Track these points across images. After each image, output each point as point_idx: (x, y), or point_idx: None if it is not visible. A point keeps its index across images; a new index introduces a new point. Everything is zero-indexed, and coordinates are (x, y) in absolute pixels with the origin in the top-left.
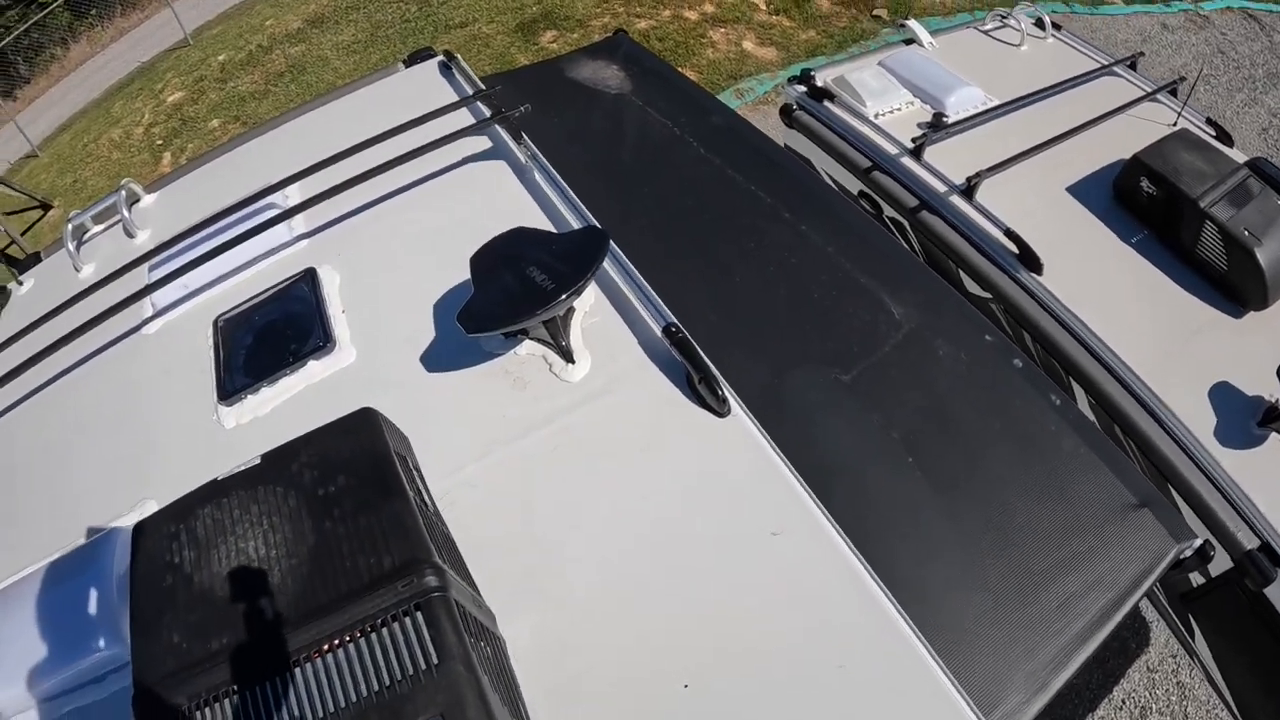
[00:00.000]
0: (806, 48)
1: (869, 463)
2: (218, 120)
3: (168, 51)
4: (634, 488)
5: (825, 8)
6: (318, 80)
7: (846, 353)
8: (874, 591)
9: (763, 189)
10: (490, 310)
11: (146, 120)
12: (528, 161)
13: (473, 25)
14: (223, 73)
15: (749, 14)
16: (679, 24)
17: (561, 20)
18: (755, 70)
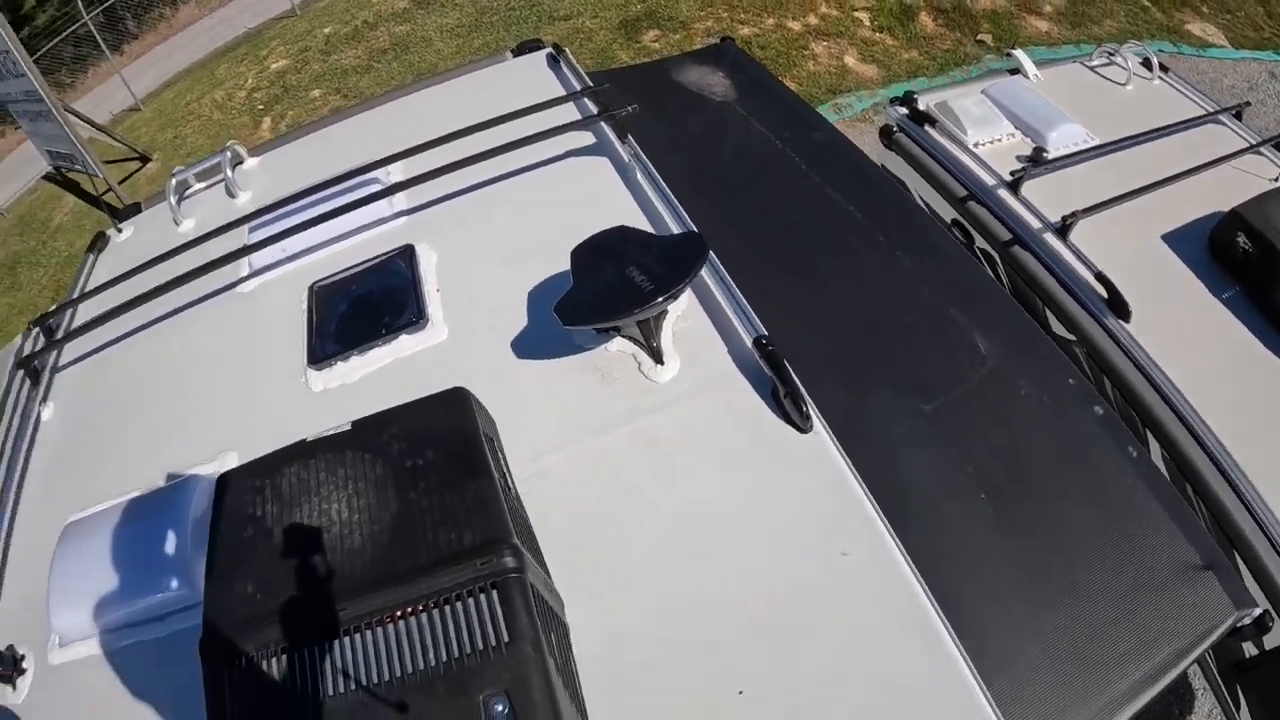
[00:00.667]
0: (908, 68)
1: (941, 494)
2: (319, 90)
3: (275, 20)
4: (709, 493)
5: (929, 29)
6: (420, 60)
7: (930, 382)
8: (934, 622)
9: (860, 210)
10: (589, 305)
11: (249, 85)
12: (630, 161)
13: (576, 19)
14: (327, 45)
15: (852, 29)
16: (782, 33)
17: (664, 20)
18: (855, 86)
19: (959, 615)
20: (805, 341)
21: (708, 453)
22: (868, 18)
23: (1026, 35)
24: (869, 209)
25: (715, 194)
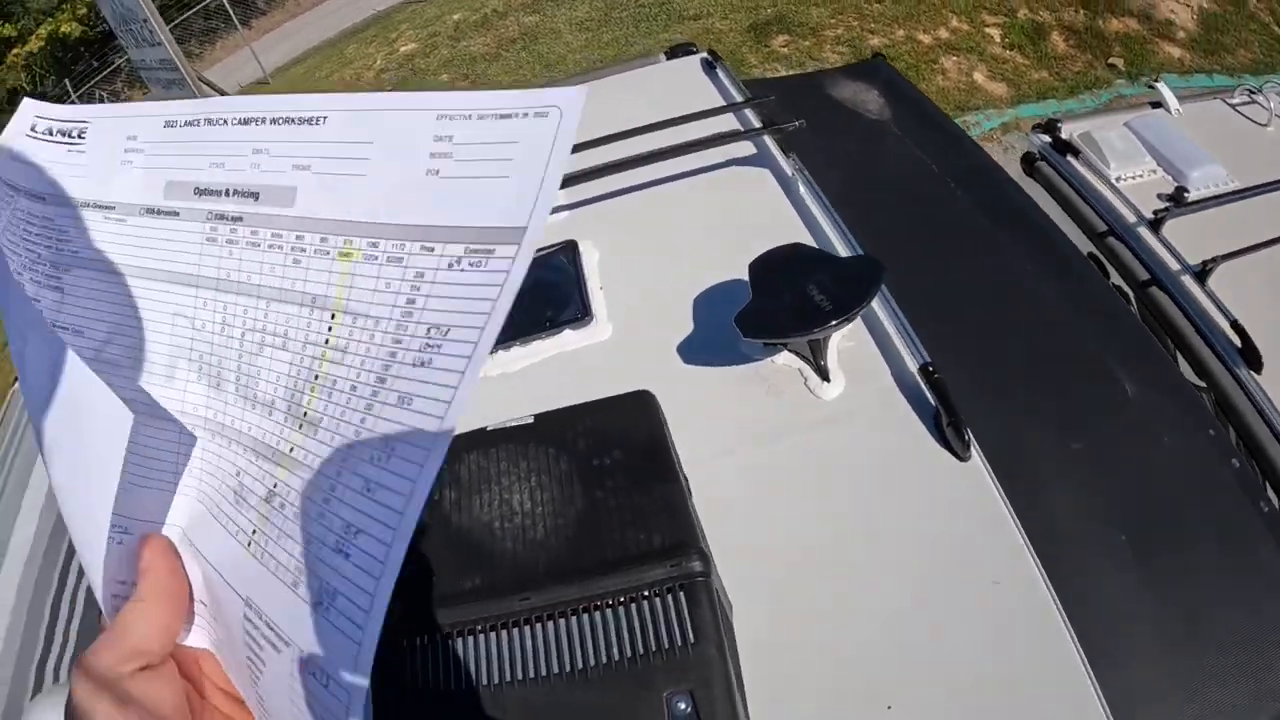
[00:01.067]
0: (1037, 88)
1: (1082, 532)
2: (447, 75)
3: (404, 4)
4: (866, 511)
5: (1060, 49)
6: (548, 51)
7: (1074, 419)
8: (1075, 658)
9: (1013, 240)
10: (769, 319)
11: (378, 65)
12: (794, 175)
13: (706, 19)
14: (456, 31)
15: (983, 45)
16: (912, 46)
17: (795, 26)
18: (983, 104)
19: (1092, 650)
20: (954, 368)
21: (867, 472)
22: (999, 34)
23: (1158, 61)
24: (1021, 240)
25: (870, 214)
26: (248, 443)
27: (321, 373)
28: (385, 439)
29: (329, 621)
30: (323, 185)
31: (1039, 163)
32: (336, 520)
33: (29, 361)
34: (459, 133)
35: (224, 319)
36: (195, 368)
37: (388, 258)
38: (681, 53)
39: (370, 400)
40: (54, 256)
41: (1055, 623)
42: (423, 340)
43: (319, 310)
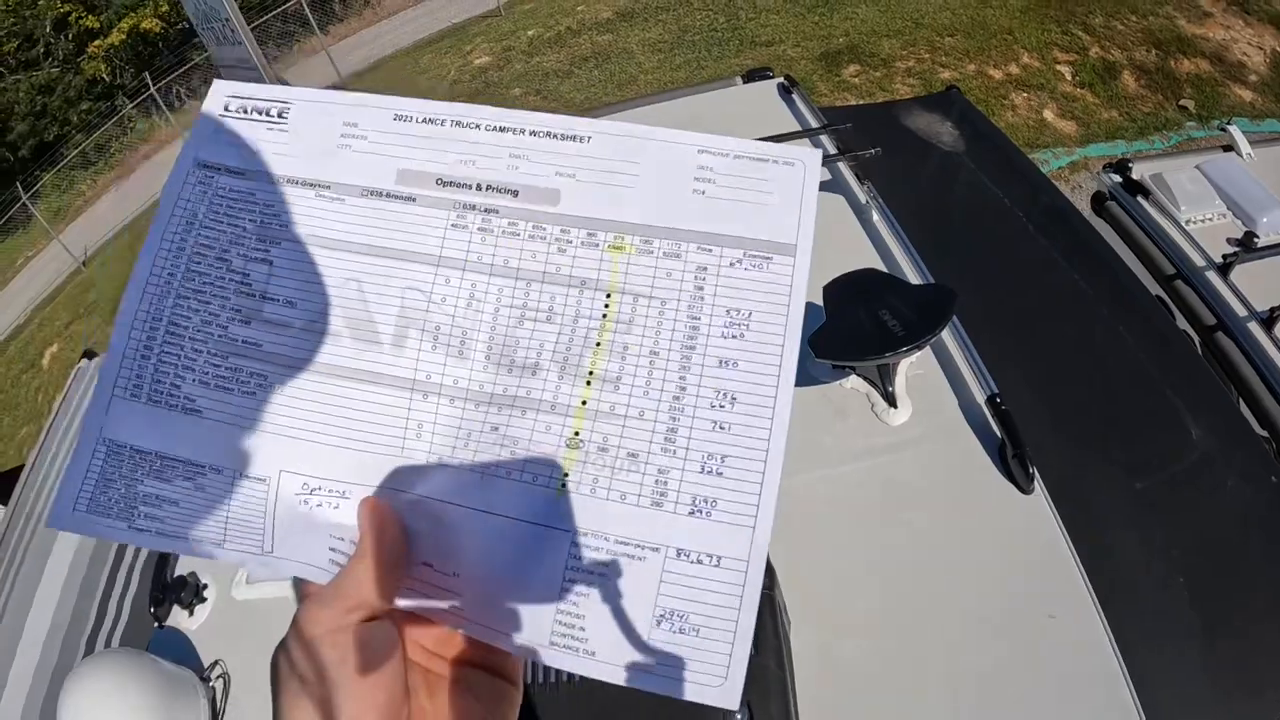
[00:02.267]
0: (1106, 128)
1: (1141, 573)
2: (519, 90)
3: (479, 18)
4: (926, 538)
5: (1130, 89)
6: (620, 70)
7: (1139, 461)
8: (1125, 694)
9: (1083, 278)
10: (842, 341)
11: (451, 76)
12: (868, 202)
13: (778, 46)
14: (530, 46)
15: (1053, 82)
16: (982, 81)
17: (866, 56)
18: (1052, 142)
19: (1143, 691)
20: (1019, 401)
21: (930, 499)
22: (1069, 72)
23: (1229, 104)
24: (1091, 279)
25: (941, 244)
26: (506, 402)
27: (603, 340)
28: (721, 391)
29: (713, 521)
30: (589, 190)
31: (1109, 202)
32: (695, 454)
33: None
34: (718, 165)
35: (471, 295)
36: (431, 337)
37: (664, 253)
38: (758, 76)
39: (684, 362)
40: (260, 230)
41: (1109, 662)
42: (725, 319)
43: (590, 290)
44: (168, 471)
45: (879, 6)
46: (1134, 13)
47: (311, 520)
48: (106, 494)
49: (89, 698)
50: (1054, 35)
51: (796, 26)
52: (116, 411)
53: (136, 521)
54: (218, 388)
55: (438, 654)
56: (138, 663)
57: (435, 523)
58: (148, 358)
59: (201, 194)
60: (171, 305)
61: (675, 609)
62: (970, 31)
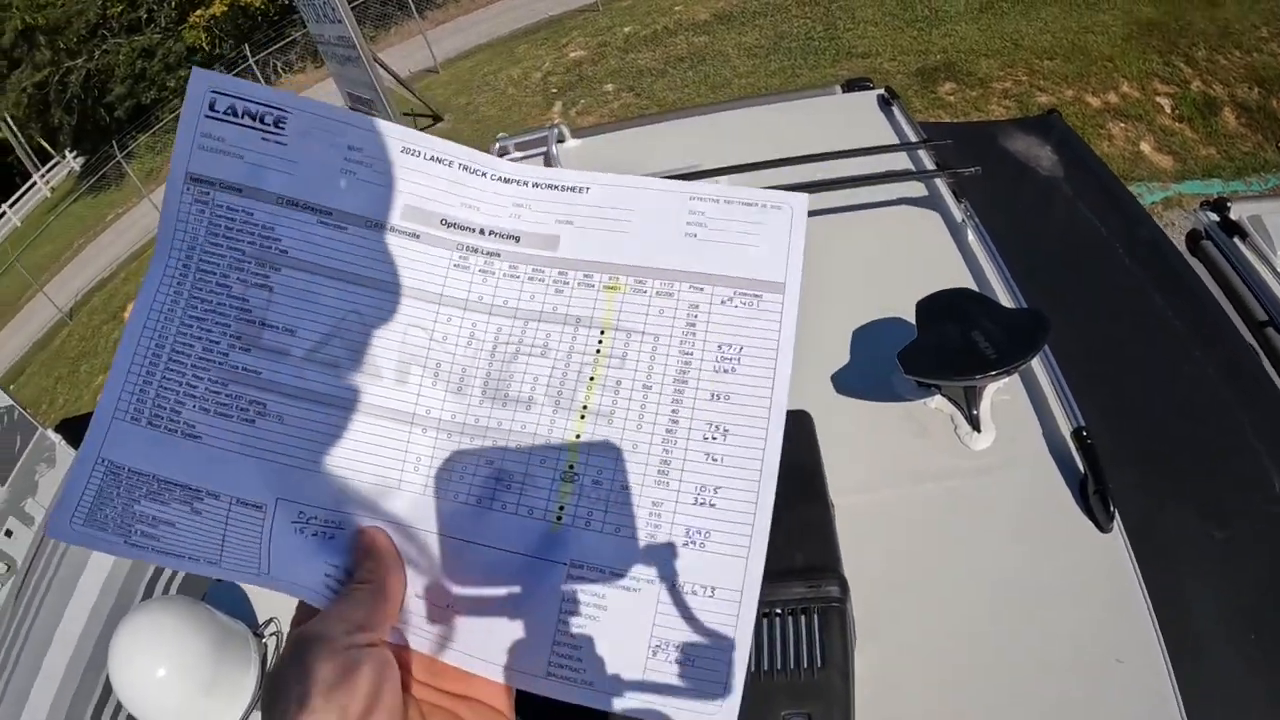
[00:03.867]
0: (1204, 165)
1: (1212, 625)
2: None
3: (577, 11)
4: (998, 566)
5: (1230, 126)
6: (715, 73)
7: (1220, 510)
8: None
9: (1175, 315)
10: (932, 358)
11: (546, 68)
12: (964, 221)
13: (874, 59)
14: (626, 43)
15: (1152, 114)
16: (1080, 107)
17: (963, 75)
18: (1147, 176)
19: None
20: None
21: (1006, 528)
22: (1169, 104)
23: None
24: (1184, 317)
25: (1034, 269)
26: (501, 435)
27: (597, 374)
28: (712, 424)
29: (706, 553)
30: (586, 236)
31: (1204, 241)
32: (688, 485)
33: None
34: (709, 210)
35: (472, 334)
36: (431, 373)
37: (657, 292)
38: (857, 87)
39: (677, 396)
40: (259, 254)
41: (1173, 714)
42: (716, 354)
43: (585, 328)
44: (165, 494)
45: (979, 25)
46: (1238, 48)
47: (307, 548)
48: (103, 511)
49: (141, 639)
50: (1155, 66)
51: (894, 40)
52: (116, 433)
53: (132, 538)
54: (217, 414)
55: (429, 684)
56: (192, 610)
57: (430, 555)
58: (149, 383)
59: (200, 213)
60: (176, 332)
61: (670, 639)
62: (1070, 56)
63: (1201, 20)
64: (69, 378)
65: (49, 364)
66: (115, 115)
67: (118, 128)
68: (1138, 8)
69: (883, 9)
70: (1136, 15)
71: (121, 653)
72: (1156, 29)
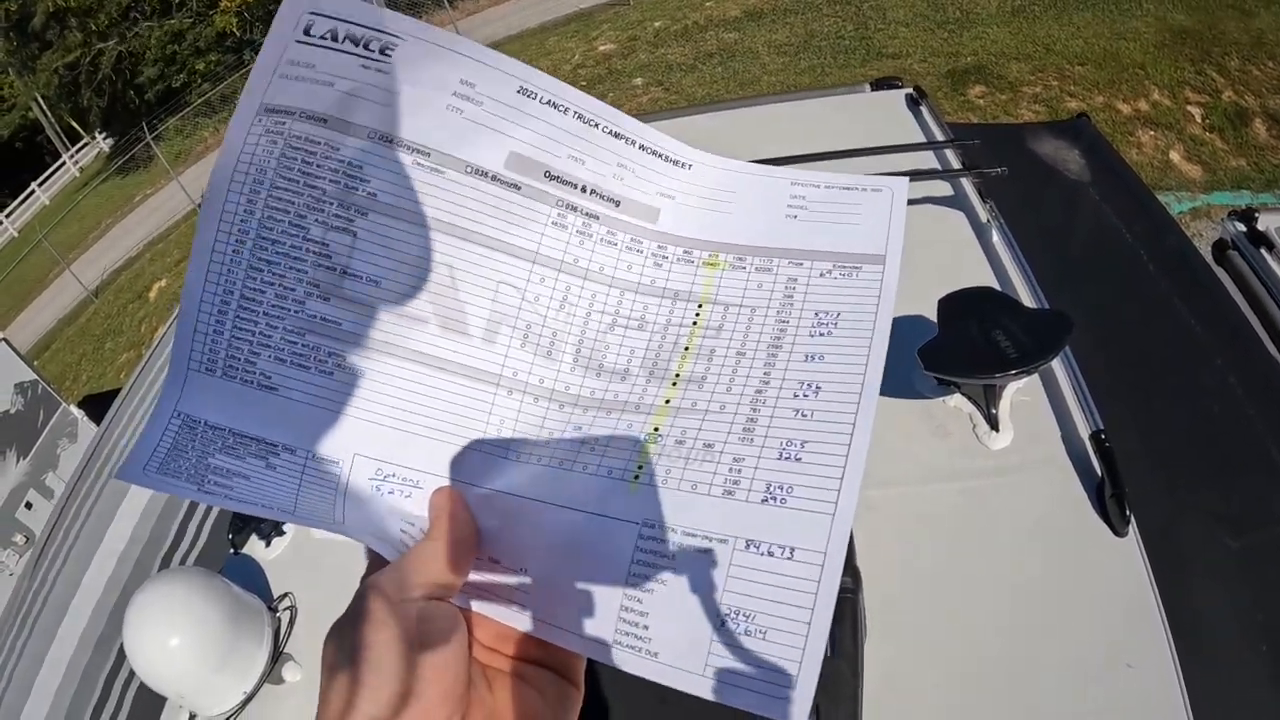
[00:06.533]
0: (1233, 176)
1: (1223, 634)
2: (641, 79)
3: (607, 5)
4: (1012, 566)
5: (1261, 137)
6: (744, 70)
7: (1237, 518)
8: None
9: (1199, 324)
10: (953, 356)
11: (575, 60)
12: (989, 221)
13: (905, 59)
14: (656, 38)
15: (1182, 123)
16: (1110, 114)
17: (993, 78)
18: (1176, 185)
19: None
20: (1122, 440)
21: (1022, 529)
22: (1199, 113)
23: None
24: (1208, 326)
25: (1058, 272)
26: (592, 405)
27: (692, 345)
28: (804, 383)
29: (787, 509)
30: (687, 213)
31: (1230, 251)
32: (773, 440)
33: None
34: (810, 194)
35: (565, 297)
36: (520, 335)
37: (755, 268)
38: (886, 85)
39: (770, 358)
40: (343, 194)
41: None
42: (813, 320)
43: (683, 301)
44: (240, 449)
45: (1010, 29)
46: (1271, 59)
47: (384, 504)
48: (177, 461)
49: (155, 608)
50: (1187, 74)
51: (925, 41)
52: (192, 385)
53: (206, 487)
54: (294, 365)
55: (496, 649)
56: (208, 582)
57: (506, 518)
58: (221, 332)
59: (271, 145)
60: (244, 277)
61: (742, 607)
62: (1101, 62)
63: (1235, 29)
64: (93, 355)
65: (74, 341)
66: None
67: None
68: (1171, 15)
69: (914, 10)
70: (1169, 23)
71: (136, 621)
72: (1189, 37)
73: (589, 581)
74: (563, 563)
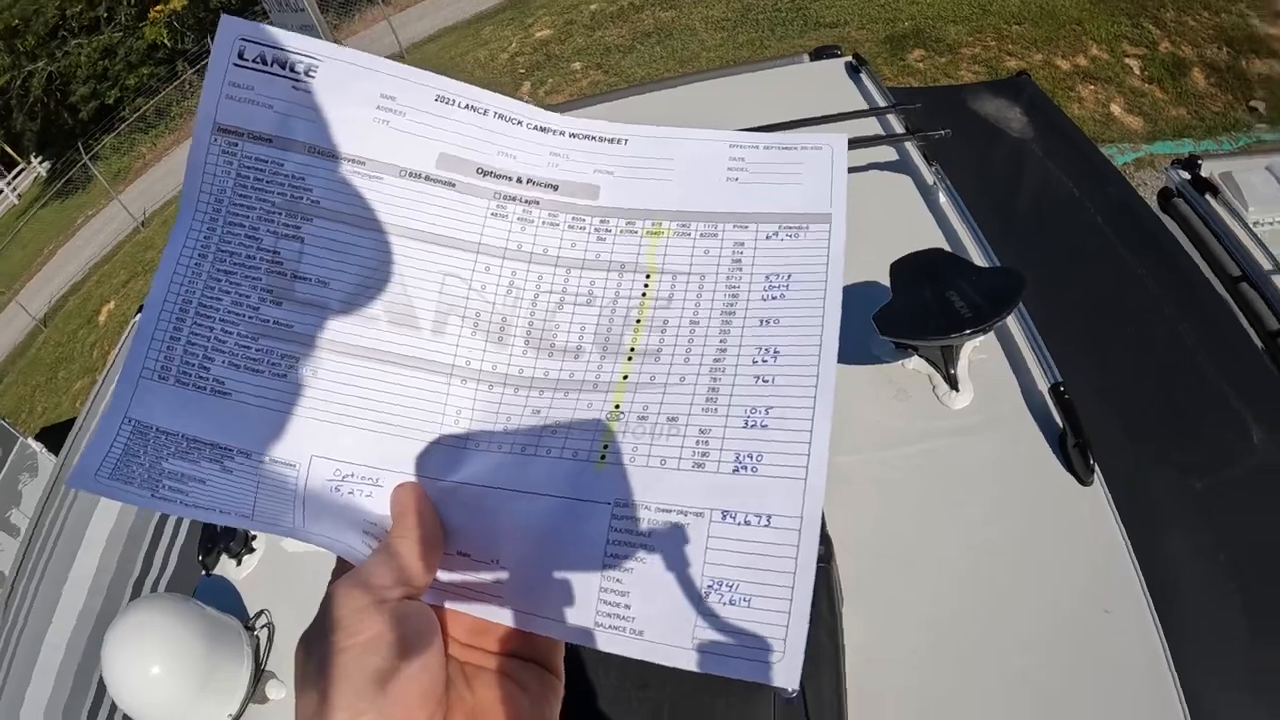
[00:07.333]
0: (1174, 125)
1: (1193, 574)
2: (580, 63)
3: None
4: (984, 524)
5: (1200, 86)
6: (682, 47)
7: (1199, 461)
8: (1173, 695)
9: (1149, 273)
10: (907, 320)
11: (513, 49)
12: (935, 184)
13: (843, 27)
14: (592, 21)
15: (1122, 76)
16: (1049, 71)
17: (932, 42)
18: (1118, 137)
19: (1190, 693)
20: (1081, 392)
21: (988, 485)
22: (1138, 66)
23: None
24: (1157, 274)
25: (1007, 230)
26: (547, 386)
27: (643, 317)
28: (762, 348)
29: (759, 477)
30: (626, 185)
31: (1175, 199)
32: (736, 409)
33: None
34: (749, 156)
35: (511, 282)
36: (470, 323)
37: (700, 234)
38: (826, 54)
39: (725, 326)
40: (290, 205)
41: (1159, 659)
42: (764, 283)
43: (630, 273)
44: (194, 453)
45: None
46: (1206, 9)
47: (344, 505)
48: (129, 467)
49: (132, 638)
50: (1124, 28)
51: (862, 9)
52: (144, 392)
53: (160, 492)
54: (248, 370)
55: (473, 645)
56: (183, 607)
57: (472, 510)
58: (177, 339)
59: (228, 165)
60: (203, 287)
61: (724, 578)
62: (1039, 21)
63: None
64: (47, 385)
65: (26, 372)
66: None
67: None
68: None
69: None
70: None
71: (114, 653)
72: None
73: (565, 566)
74: (536, 550)
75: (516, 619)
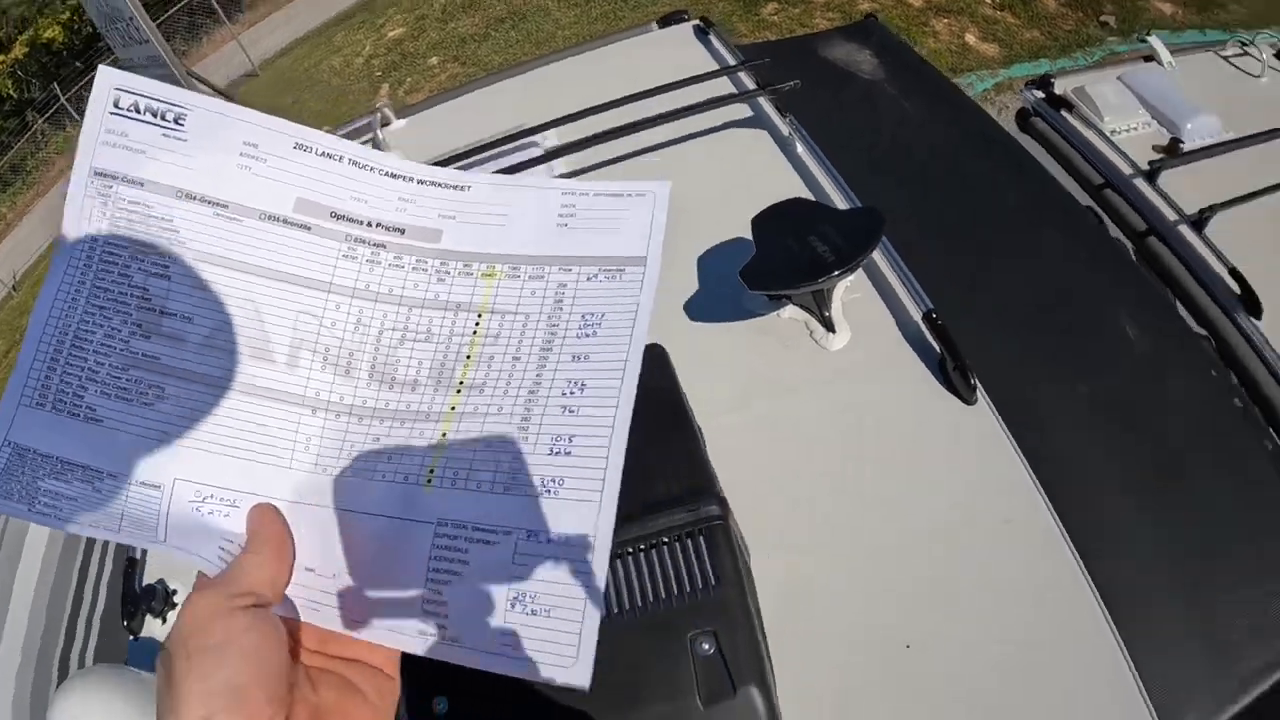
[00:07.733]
0: (1029, 48)
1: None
2: (436, 58)
3: None
4: (876, 457)
5: (1051, 8)
6: (537, 29)
7: (1081, 365)
8: (1086, 590)
9: (1012, 193)
10: (773, 271)
11: (367, 52)
12: (790, 135)
13: None
14: (444, 13)
15: (973, 6)
16: (902, 9)
17: None
18: (976, 65)
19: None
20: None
21: (877, 419)
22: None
23: (1149, 18)
24: (1021, 193)
25: (868, 171)
26: (387, 415)
27: (473, 353)
28: (571, 381)
29: (559, 500)
30: (467, 229)
31: (1033, 118)
32: (544, 437)
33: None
34: (580, 203)
35: (359, 319)
36: (320, 358)
37: (529, 276)
38: (674, 21)
39: (541, 361)
40: (159, 245)
41: (1067, 559)
42: (580, 322)
43: (464, 312)
44: (67, 474)
45: None
46: None
47: (204, 523)
48: (9, 484)
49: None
50: None
51: None
52: (22, 418)
53: (37, 508)
54: (118, 398)
55: (318, 650)
56: (119, 678)
57: (318, 528)
58: (54, 369)
59: (103, 206)
60: (78, 320)
61: (527, 590)
62: None
63: None
64: None
65: None
66: None
67: None
68: None
69: None
70: None
71: None
72: None
73: (393, 580)
74: (369, 566)
75: (351, 628)
